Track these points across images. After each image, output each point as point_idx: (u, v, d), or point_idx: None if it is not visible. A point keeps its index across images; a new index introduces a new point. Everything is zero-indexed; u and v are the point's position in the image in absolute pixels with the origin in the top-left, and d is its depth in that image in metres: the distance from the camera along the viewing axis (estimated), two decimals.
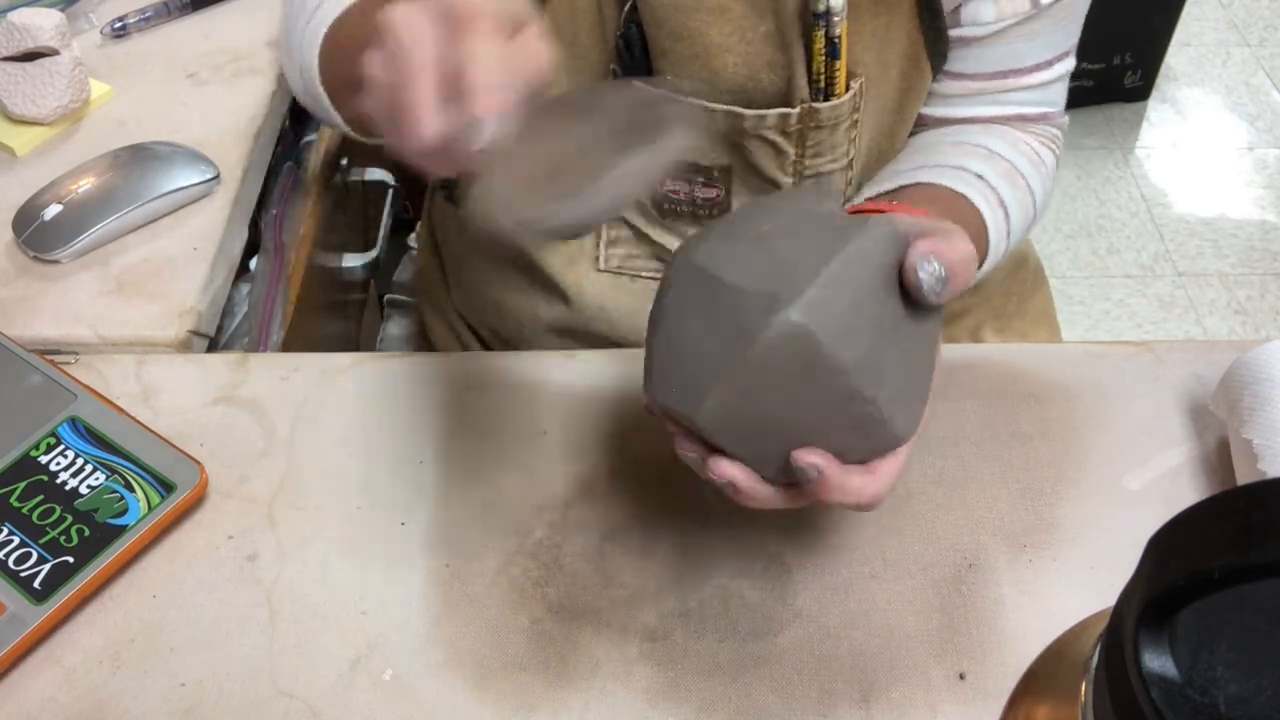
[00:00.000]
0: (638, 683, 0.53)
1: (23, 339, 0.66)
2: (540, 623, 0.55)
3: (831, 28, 0.64)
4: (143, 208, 0.76)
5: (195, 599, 0.56)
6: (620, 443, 0.62)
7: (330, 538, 0.58)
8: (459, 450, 0.62)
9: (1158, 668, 0.27)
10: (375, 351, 0.83)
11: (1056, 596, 0.56)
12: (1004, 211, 0.69)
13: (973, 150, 0.72)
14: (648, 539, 0.58)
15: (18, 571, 0.54)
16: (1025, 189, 0.72)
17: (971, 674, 0.53)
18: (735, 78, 0.66)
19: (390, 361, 0.67)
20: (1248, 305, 1.91)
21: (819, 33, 0.64)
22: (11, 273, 0.73)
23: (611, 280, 0.75)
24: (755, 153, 0.69)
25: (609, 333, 0.77)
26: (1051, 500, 0.60)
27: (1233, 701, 0.26)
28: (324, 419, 0.63)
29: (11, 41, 0.82)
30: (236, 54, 0.92)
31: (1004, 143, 0.73)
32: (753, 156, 0.69)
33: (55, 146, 0.83)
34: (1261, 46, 2.36)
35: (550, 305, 0.78)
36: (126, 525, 0.56)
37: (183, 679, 0.53)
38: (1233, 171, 2.10)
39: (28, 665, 0.53)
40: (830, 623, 0.55)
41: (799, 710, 0.52)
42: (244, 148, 0.84)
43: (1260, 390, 0.59)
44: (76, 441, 0.59)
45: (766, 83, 0.66)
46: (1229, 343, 0.69)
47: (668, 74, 0.66)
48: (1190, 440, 0.64)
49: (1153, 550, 0.28)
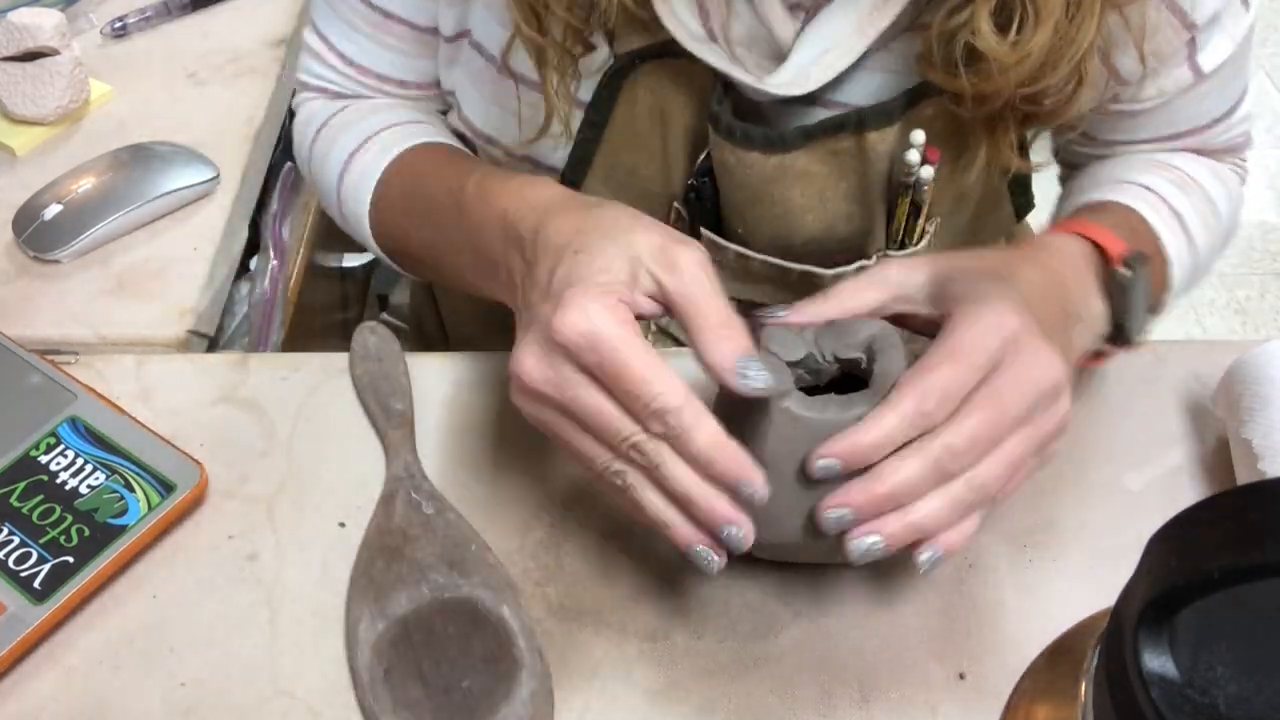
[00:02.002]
0: (638, 683, 0.53)
1: (23, 339, 0.66)
2: (540, 623, 0.55)
3: (919, 193, 0.62)
4: (143, 208, 0.76)
5: (195, 599, 0.56)
6: None
7: (330, 538, 0.58)
8: (459, 450, 0.62)
9: (1158, 668, 0.27)
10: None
11: (1056, 596, 0.56)
12: (1179, 221, 0.66)
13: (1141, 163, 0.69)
14: (648, 539, 0.58)
15: (18, 571, 0.54)
16: (1202, 196, 0.68)
17: (971, 674, 0.53)
18: (810, 232, 0.64)
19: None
20: (1248, 305, 1.91)
21: (904, 199, 0.63)
22: (11, 273, 0.73)
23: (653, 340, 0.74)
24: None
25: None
26: (1051, 500, 0.60)
27: (1233, 701, 0.26)
28: (324, 419, 0.63)
29: (11, 41, 0.82)
30: (236, 54, 0.92)
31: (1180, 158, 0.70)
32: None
33: (55, 146, 0.83)
34: (1262, 46, 2.36)
35: None
36: (126, 525, 0.56)
37: (183, 679, 0.53)
38: None
39: (28, 665, 0.53)
40: (830, 623, 0.55)
41: (799, 710, 0.52)
42: (244, 148, 0.84)
43: (1260, 390, 0.59)
44: (76, 441, 0.59)
45: (842, 234, 0.64)
46: (1229, 343, 0.69)
47: (739, 228, 0.64)
48: (1190, 440, 0.64)
49: (1153, 550, 0.28)
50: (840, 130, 0.60)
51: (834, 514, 0.46)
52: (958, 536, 0.47)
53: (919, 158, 0.61)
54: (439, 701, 0.50)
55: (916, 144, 0.60)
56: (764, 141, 0.60)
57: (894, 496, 0.45)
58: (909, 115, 0.61)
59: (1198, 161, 0.70)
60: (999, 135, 0.60)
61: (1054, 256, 0.56)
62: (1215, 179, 0.70)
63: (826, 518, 0.46)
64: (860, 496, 0.45)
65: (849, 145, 0.60)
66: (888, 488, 0.45)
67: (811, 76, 0.59)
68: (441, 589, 0.54)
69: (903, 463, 0.45)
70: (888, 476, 0.45)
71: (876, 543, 0.46)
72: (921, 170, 0.61)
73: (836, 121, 0.60)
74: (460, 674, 0.51)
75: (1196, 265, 0.68)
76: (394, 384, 0.63)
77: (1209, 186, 0.69)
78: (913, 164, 0.61)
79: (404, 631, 0.53)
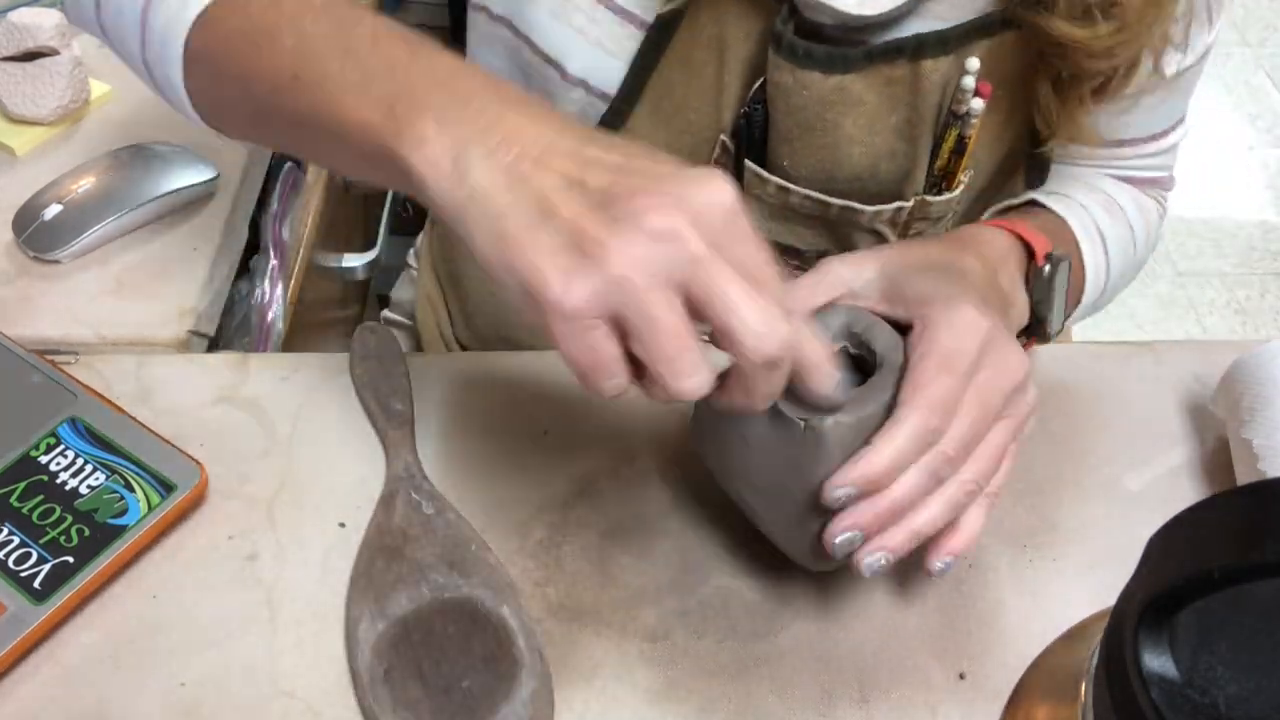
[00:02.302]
0: (638, 683, 0.53)
1: (23, 339, 0.66)
2: (540, 623, 0.55)
3: (966, 127, 0.63)
4: (143, 208, 0.76)
5: (195, 599, 0.56)
6: (620, 443, 0.62)
7: (330, 538, 0.58)
8: (459, 450, 0.62)
9: (1158, 668, 0.27)
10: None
11: (1056, 596, 0.56)
12: (1102, 240, 0.70)
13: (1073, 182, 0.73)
14: (648, 539, 0.58)
15: (18, 571, 0.54)
16: (1124, 223, 0.72)
17: (971, 674, 0.53)
18: (855, 168, 0.64)
19: None
20: (1248, 305, 1.91)
21: (953, 131, 0.63)
22: (11, 273, 0.73)
23: None
24: (859, 242, 0.68)
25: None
26: (1051, 500, 0.60)
27: (1233, 701, 0.26)
28: (324, 419, 0.63)
29: (11, 41, 0.82)
30: None
31: (1111, 185, 0.74)
32: (853, 244, 0.68)
33: (55, 146, 0.83)
34: (1261, 46, 2.36)
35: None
36: (126, 525, 0.56)
37: (183, 679, 0.53)
38: (1233, 171, 2.10)
39: (28, 665, 0.53)
40: (830, 623, 0.55)
41: (799, 710, 0.52)
42: (244, 148, 0.84)
43: (1260, 390, 0.59)
44: (76, 441, 0.59)
45: (884, 173, 0.65)
46: (1229, 343, 0.69)
47: (785, 161, 0.64)
48: (1190, 440, 0.64)
49: (1153, 550, 0.28)
50: (898, 55, 0.61)
51: (845, 537, 0.47)
52: (964, 539, 0.49)
53: (973, 84, 0.62)
54: (439, 701, 0.50)
55: (972, 70, 0.61)
56: (825, 60, 0.60)
57: (896, 510, 0.47)
58: (965, 49, 0.61)
59: (1124, 191, 0.74)
60: (1072, 106, 0.63)
61: (986, 247, 0.60)
62: (1138, 211, 0.74)
63: (838, 544, 0.47)
64: (867, 516, 0.46)
65: (904, 73, 0.61)
66: (890, 503, 0.46)
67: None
68: (441, 589, 0.54)
69: (904, 476, 0.47)
70: (891, 492, 0.46)
71: (887, 558, 0.47)
72: (973, 101, 0.62)
73: (895, 45, 0.60)
74: (460, 674, 0.51)
75: (1107, 288, 0.72)
76: (394, 384, 0.63)
77: (1131, 217, 0.73)
78: (966, 89, 0.62)
79: (404, 631, 0.53)
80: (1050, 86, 0.63)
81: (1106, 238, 0.70)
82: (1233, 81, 2.29)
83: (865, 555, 0.47)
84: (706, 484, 0.56)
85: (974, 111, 0.62)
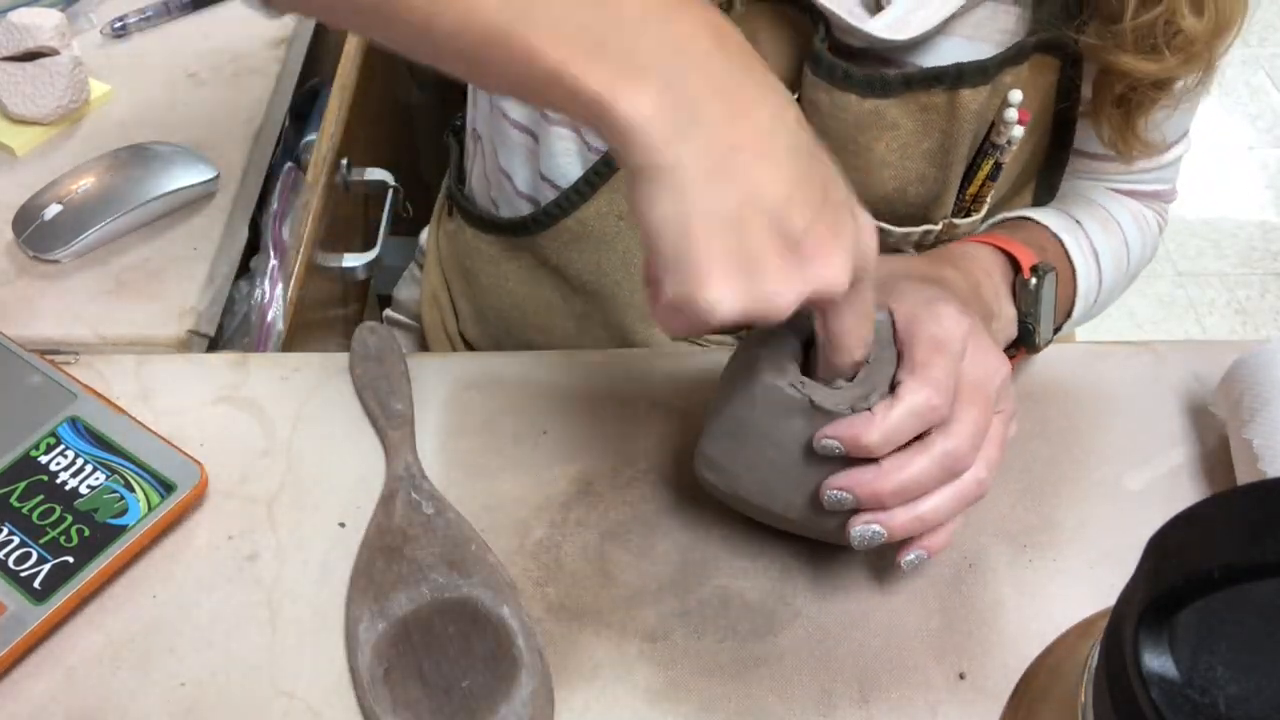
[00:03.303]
0: (638, 683, 0.53)
1: (23, 339, 0.66)
2: (540, 623, 0.55)
3: (1004, 155, 0.63)
4: (143, 208, 0.76)
5: (195, 599, 0.56)
6: (620, 443, 0.62)
7: (330, 538, 0.58)
8: (459, 450, 0.62)
9: (1158, 668, 0.27)
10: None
11: (1056, 596, 0.56)
12: (1095, 256, 0.70)
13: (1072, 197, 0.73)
14: (648, 539, 0.58)
15: (18, 571, 0.54)
16: (1121, 239, 0.73)
17: (971, 674, 0.53)
18: (884, 190, 0.65)
19: None
20: (1248, 305, 1.91)
21: (990, 160, 0.64)
22: (11, 273, 0.73)
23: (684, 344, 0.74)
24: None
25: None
26: (1051, 500, 0.60)
27: (1233, 701, 0.26)
28: (324, 419, 0.63)
29: (11, 41, 0.82)
30: (236, 54, 0.92)
31: (1109, 199, 0.74)
32: None
33: (55, 146, 0.83)
34: (1261, 46, 2.36)
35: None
36: (126, 525, 0.56)
37: (183, 679, 0.53)
38: (1233, 171, 2.10)
39: (28, 665, 0.53)
40: (830, 623, 0.55)
41: (799, 710, 0.52)
42: (244, 148, 0.84)
43: (1260, 390, 0.59)
44: (76, 441, 0.59)
45: (912, 196, 0.65)
46: (1229, 343, 0.69)
47: None
48: (1190, 440, 0.64)
49: (1153, 550, 0.28)
50: (937, 83, 0.61)
51: (835, 494, 0.49)
52: (942, 538, 0.51)
53: (1016, 116, 0.62)
54: (439, 701, 0.50)
55: (1014, 103, 0.61)
56: (863, 83, 0.60)
57: (901, 492, 0.48)
58: (1001, 78, 0.61)
59: (1121, 204, 0.75)
60: (1135, 117, 0.63)
61: (967, 261, 0.62)
62: (1134, 223, 0.74)
63: (828, 496, 0.49)
64: (859, 481, 0.48)
65: (941, 101, 0.61)
66: (893, 484, 0.48)
67: (911, 24, 0.60)
68: (441, 589, 0.54)
69: (910, 460, 0.48)
70: (894, 473, 0.48)
71: (880, 533, 0.49)
72: (1014, 130, 0.62)
73: (935, 73, 0.61)
74: (460, 674, 0.51)
75: (1099, 301, 0.73)
76: (394, 384, 0.63)
77: (1127, 230, 0.74)
78: (1010, 121, 0.62)
79: (404, 631, 0.53)
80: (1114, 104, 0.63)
81: (1100, 251, 0.71)
82: (1233, 81, 2.29)
83: (856, 524, 0.49)
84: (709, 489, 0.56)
85: (1014, 141, 0.63)
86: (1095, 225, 0.71)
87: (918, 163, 0.64)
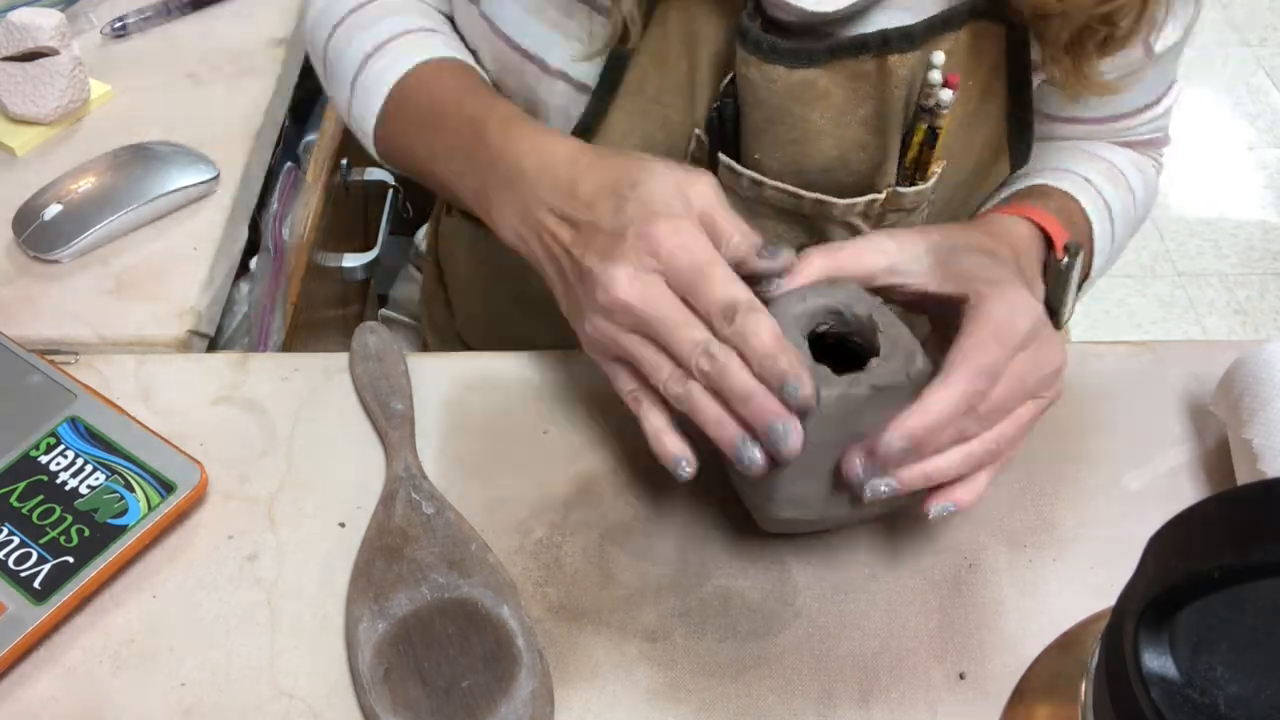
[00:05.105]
0: (638, 683, 0.53)
1: (23, 339, 0.66)
2: (540, 623, 0.55)
3: (936, 119, 0.63)
4: (143, 208, 0.76)
5: (195, 599, 0.56)
6: (620, 443, 0.62)
7: (330, 538, 0.58)
8: (459, 450, 0.62)
9: (1158, 668, 0.27)
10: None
11: (1056, 596, 0.56)
12: (1109, 212, 0.71)
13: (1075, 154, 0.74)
14: (648, 539, 0.58)
15: (18, 571, 0.54)
16: (1126, 188, 0.74)
17: (971, 674, 0.53)
18: (824, 160, 0.65)
19: None
20: (1248, 305, 1.91)
21: (922, 125, 0.64)
22: (11, 273, 0.73)
23: None
24: (833, 235, 0.68)
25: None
26: (1051, 500, 0.60)
27: (1233, 701, 0.26)
28: (324, 419, 0.63)
29: (11, 41, 0.82)
30: (236, 54, 0.92)
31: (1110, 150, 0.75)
32: (828, 237, 0.69)
33: (55, 146, 0.83)
34: (1262, 46, 2.36)
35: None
36: (126, 525, 0.56)
37: (183, 679, 0.53)
38: (1233, 171, 2.10)
39: (28, 665, 0.53)
40: (830, 623, 0.55)
41: (799, 710, 0.52)
42: (244, 148, 0.84)
43: (1260, 390, 0.59)
44: (76, 441, 0.59)
45: (854, 164, 0.65)
46: (1229, 343, 0.69)
47: (756, 154, 0.65)
48: (1190, 440, 0.64)
49: (1153, 550, 0.28)
50: (863, 50, 0.61)
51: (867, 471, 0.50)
52: (970, 494, 0.53)
53: (940, 78, 0.62)
54: (439, 701, 0.50)
55: (937, 64, 0.61)
56: (790, 55, 0.61)
57: (917, 451, 0.50)
58: (931, 43, 0.62)
59: (1123, 154, 0.76)
60: (1081, 62, 0.63)
61: (1013, 237, 0.63)
62: (1137, 171, 0.76)
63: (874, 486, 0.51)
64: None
65: (870, 68, 0.61)
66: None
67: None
68: (441, 589, 0.54)
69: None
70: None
71: (890, 485, 0.51)
72: (941, 93, 0.62)
73: (860, 40, 0.61)
74: (460, 674, 0.51)
75: (1111, 256, 0.75)
76: (394, 384, 0.63)
77: (1132, 180, 0.75)
78: (934, 84, 0.62)
79: (404, 631, 0.53)
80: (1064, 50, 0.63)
81: (1112, 208, 0.72)
82: (1233, 81, 2.29)
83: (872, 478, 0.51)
84: (706, 484, 0.56)
85: (943, 104, 0.63)
86: (1104, 181, 0.72)
87: (855, 130, 0.64)
